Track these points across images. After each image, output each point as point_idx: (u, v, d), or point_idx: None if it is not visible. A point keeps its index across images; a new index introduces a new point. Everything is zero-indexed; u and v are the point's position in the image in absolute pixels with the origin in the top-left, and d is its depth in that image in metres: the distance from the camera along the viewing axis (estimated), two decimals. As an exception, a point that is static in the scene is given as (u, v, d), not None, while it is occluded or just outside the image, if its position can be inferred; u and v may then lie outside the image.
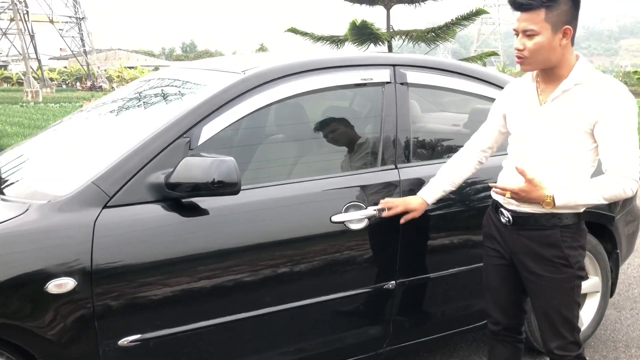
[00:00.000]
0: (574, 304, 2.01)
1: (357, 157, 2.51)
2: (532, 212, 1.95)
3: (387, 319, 2.43)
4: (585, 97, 1.86)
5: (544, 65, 1.89)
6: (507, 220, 2.02)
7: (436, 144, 2.76)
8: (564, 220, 1.94)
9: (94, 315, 1.81)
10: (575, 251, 1.96)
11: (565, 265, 1.95)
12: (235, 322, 2.05)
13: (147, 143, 1.99)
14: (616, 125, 1.81)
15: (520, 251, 2.01)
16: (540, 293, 2.01)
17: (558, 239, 1.94)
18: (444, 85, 2.63)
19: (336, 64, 2.41)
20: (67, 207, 1.83)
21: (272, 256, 2.10)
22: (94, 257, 1.80)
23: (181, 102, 2.25)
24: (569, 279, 1.97)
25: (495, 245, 2.12)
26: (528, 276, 2.02)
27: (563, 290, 1.98)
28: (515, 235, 2.02)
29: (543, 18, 1.80)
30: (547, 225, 1.95)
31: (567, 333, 2.01)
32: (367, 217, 2.25)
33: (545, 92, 1.96)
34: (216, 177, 1.87)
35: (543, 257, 1.96)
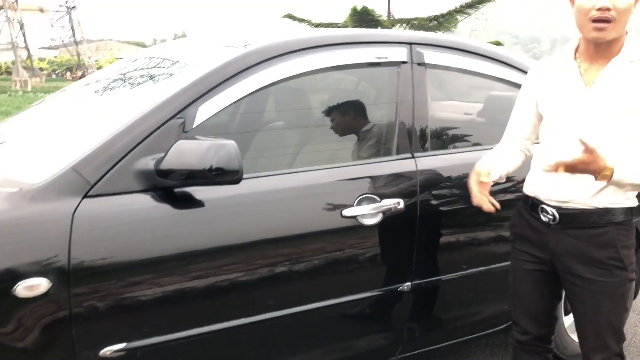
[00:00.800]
0: (624, 311, 1.80)
1: (366, 145, 2.27)
2: (582, 208, 1.73)
3: (401, 324, 2.20)
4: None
5: (621, 32, 1.64)
6: (551, 218, 1.78)
7: (452, 133, 2.52)
8: (618, 216, 1.72)
9: (72, 322, 1.56)
10: (629, 251, 1.74)
11: (619, 268, 1.73)
12: (233, 329, 1.81)
13: (135, 124, 1.74)
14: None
15: (566, 253, 1.78)
16: (587, 299, 1.78)
17: (613, 238, 1.72)
18: (464, 67, 2.40)
19: (347, 40, 2.16)
20: (42, 196, 1.58)
21: (275, 255, 1.86)
22: (72, 253, 1.55)
23: (174, 81, 2.00)
24: (622, 282, 1.74)
25: (528, 248, 1.88)
26: (573, 280, 1.79)
27: (614, 296, 1.75)
28: (560, 235, 1.78)
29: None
30: (601, 222, 1.72)
31: (614, 344, 1.79)
32: (381, 211, 2.01)
33: (590, 71, 1.72)
34: (214, 164, 1.62)
35: (594, 259, 1.73)
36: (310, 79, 2.18)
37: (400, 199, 2.06)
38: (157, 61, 2.36)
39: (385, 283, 2.11)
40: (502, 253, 2.30)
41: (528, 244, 1.87)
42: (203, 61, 2.01)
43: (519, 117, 1.95)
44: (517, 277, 1.94)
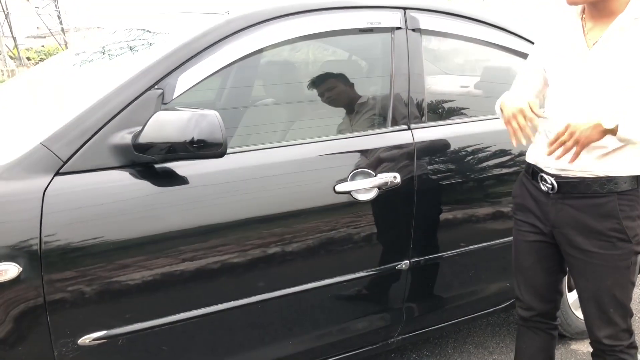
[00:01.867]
0: (630, 285, 1.68)
1: (361, 118, 2.15)
2: (583, 177, 1.62)
3: (399, 305, 2.10)
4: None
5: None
6: (549, 188, 1.68)
7: (449, 106, 2.40)
8: (622, 185, 1.61)
9: (46, 309, 1.45)
10: (633, 222, 1.62)
11: (622, 240, 1.62)
12: (222, 313, 1.71)
13: (110, 96, 1.62)
14: None
15: (566, 224, 1.67)
16: (589, 273, 1.68)
17: (615, 208, 1.61)
18: (461, 33, 2.27)
19: (337, 5, 2.02)
20: (9, 175, 1.46)
21: (265, 234, 1.75)
22: (43, 236, 1.43)
23: (153, 51, 1.87)
24: (626, 255, 1.63)
25: (530, 218, 1.78)
26: (574, 253, 1.69)
27: (618, 269, 1.64)
28: (559, 205, 1.68)
29: None
30: (602, 191, 1.61)
31: (620, 319, 1.69)
32: (377, 186, 1.90)
33: (594, 31, 1.61)
34: (196, 136, 1.50)
35: (595, 231, 1.63)
36: (299, 47, 2.06)
37: (397, 173, 1.95)
38: (138, 33, 2.22)
39: (382, 262, 2.00)
40: (503, 228, 2.21)
41: (529, 214, 1.77)
42: (184, 30, 1.88)
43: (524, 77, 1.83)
44: (519, 250, 1.84)
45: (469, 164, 2.16)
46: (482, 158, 2.19)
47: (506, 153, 2.22)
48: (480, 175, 2.18)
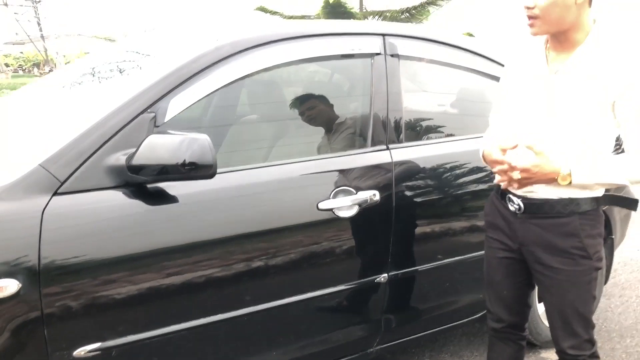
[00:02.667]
0: (591, 299, 1.80)
1: (340, 137, 2.26)
2: (547, 198, 1.73)
3: (378, 316, 2.21)
4: (606, 66, 1.61)
5: (557, 27, 1.64)
6: (517, 208, 1.79)
7: (426, 124, 2.53)
8: (583, 206, 1.71)
9: (43, 322, 1.53)
10: (594, 240, 1.74)
11: (584, 257, 1.73)
12: (210, 325, 1.79)
13: (105, 119, 1.70)
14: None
15: (532, 242, 1.78)
16: (553, 288, 1.79)
17: (577, 227, 1.71)
18: (437, 58, 2.40)
19: (320, 32, 2.15)
20: (9, 195, 1.53)
21: (251, 249, 1.84)
22: (42, 253, 1.51)
23: (145, 75, 1.96)
24: (587, 271, 1.75)
25: (499, 236, 1.88)
26: (540, 269, 1.80)
27: (580, 284, 1.76)
28: (526, 225, 1.78)
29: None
30: (564, 212, 1.72)
31: (582, 330, 1.80)
32: (357, 204, 2.01)
33: (556, 60, 1.71)
34: (187, 158, 1.59)
35: (559, 248, 1.74)
36: (284, 71, 2.17)
37: (376, 191, 2.06)
38: (127, 55, 2.31)
39: (362, 275, 2.11)
40: (477, 242, 2.32)
41: (499, 232, 1.87)
42: (174, 54, 1.98)
43: (497, 106, 1.94)
44: (490, 265, 1.95)
45: (444, 181, 2.29)
46: (456, 176, 2.32)
47: (479, 171, 2.35)
48: (454, 193, 2.30)
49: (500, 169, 1.68)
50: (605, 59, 1.63)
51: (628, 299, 3.53)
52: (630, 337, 3.02)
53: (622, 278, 3.89)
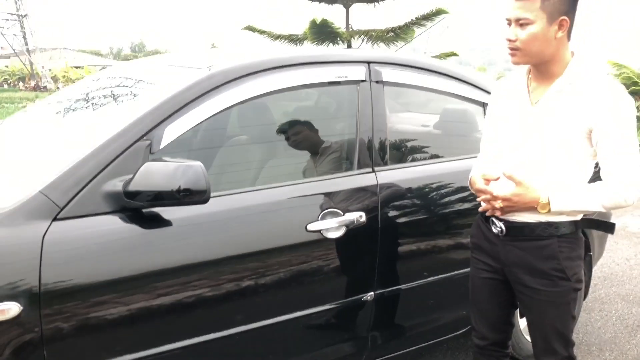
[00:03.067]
0: (570, 318, 1.89)
1: (327, 159, 2.35)
2: (527, 222, 1.82)
3: (365, 333, 2.28)
4: (582, 98, 1.72)
5: (537, 59, 1.75)
6: (499, 231, 1.88)
7: (411, 146, 2.63)
8: (561, 229, 1.80)
9: (43, 343, 1.59)
10: (573, 262, 1.82)
11: (562, 278, 1.81)
12: (203, 344, 1.86)
13: (102, 146, 1.78)
14: (617, 130, 1.69)
15: (514, 264, 1.87)
16: (534, 307, 1.88)
17: (555, 250, 1.80)
18: (420, 84, 2.51)
19: (309, 61, 2.24)
20: (11, 221, 1.60)
21: (242, 270, 1.92)
22: (42, 276, 1.57)
23: (140, 102, 2.04)
24: (566, 292, 1.83)
25: (484, 257, 1.97)
26: (522, 290, 1.88)
27: (559, 305, 1.84)
28: (508, 247, 1.87)
29: (538, 6, 1.67)
30: (544, 235, 1.81)
31: (562, 348, 1.88)
32: (344, 225, 2.09)
33: (537, 90, 1.82)
34: (182, 185, 1.67)
35: (538, 270, 1.82)
36: (274, 98, 2.25)
37: (363, 212, 2.14)
38: (122, 81, 2.39)
39: (350, 293, 2.19)
40: (460, 260, 2.42)
41: (483, 253, 1.96)
42: (169, 82, 2.06)
43: (486, 133, 2.03)
44: (475, 285, 2.03)
45: (428, 202, 2.38)
46: (440, 196, 2.41)
47: (461, 191, 2.44)
48: (438, 213, 2.39)
49: (483, 198, 1.81)
50: (581, 91, 1.73)
51: (607, 313, 3.63)
52: (609, 351, 3.12)
53: (602, 292, 3.99)
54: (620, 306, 3.75)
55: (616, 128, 1.69)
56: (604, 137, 1.71)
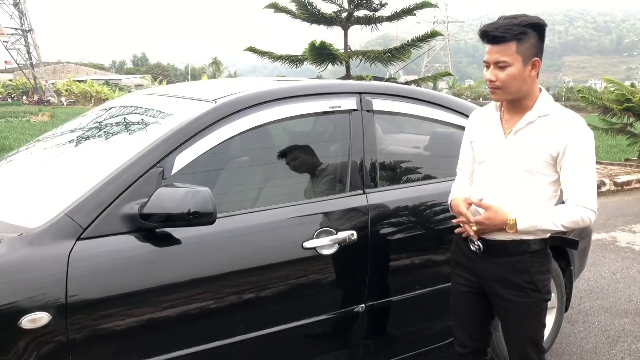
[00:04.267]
0: (541, 326, 2.09)
1: (321, 182, 2.55)
2: (503, 240, 2.02)
3: (357, 341, 2.48)
4: (549, 129, 1.94)
5: (515, 95, 1.96)
6: (477, 248, 2.07)
7: (400, 168, 2.84)
8: (532, 246, 2.01)
9: (69, 349, 1.79)
10: (543, 275, 2.03)
11: (534, 290, 2.02)
12: (208, 351, 2.06)
13: (120, 173, 1.99)
14: (579, 158, 1.91)
15: (491, 278, 2.07)
16: (509, 317, 2.08)
17: (527, 265, 2.01)
18: (407, 112, 2.73)
19: (305, 93, 2.47)
20: (40, 240, 1.81)
21: (245, 283, 2.12)
22: (68, 290, 1.78)
23: (152, 131, 2.26)
24: (537, 303, 2.04)
25: (463, 272, 2.17)
26: (498, 301, 2.08)
27: (531, 314, 2.05)
28: (486, 263, 2.07)
29: (514, 50, 1.89)
30: (517, 251, 2.01)
31: (534, 354, 2.08)
32: (337, 242, 2.30)
33: (509, 122, 2.03)
34: (192, 208, 1.88)
35: (513, 283, 2.02)
36: (273, 128, 2.46)
37: (354, 231, 2.36)
38: (134, 110, 2.62)
39: (342, 305, 2.39)
40: (445, 275, 2.62)
41: (462, 269, 2.16)
42: (178, 114, 2.28)
43: (463, 158, 2.24)
44: (455, 298, 2.23)
45: (414, 221, 2.59)
46: (425, 215, 2.63)
47: (445, 211, 2.65)
48: (423, 231, 2.61)
49: (461, 220, 2.06)
50: (548, 123, 1.96)
51: (590, 324, 3.83)
52: (589, 360, 3.31)
53: (587, 305, 4.19)
54: (603, 318, 3.94)
55: (577, 156, 1.92)
56: (567, 164, 1.93)
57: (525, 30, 1.89)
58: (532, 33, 1.90)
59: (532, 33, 1.90)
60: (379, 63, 8.21)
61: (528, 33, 1.89)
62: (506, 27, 1.89)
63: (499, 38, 1.89)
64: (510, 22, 1.90)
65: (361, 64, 8.26)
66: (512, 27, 1.88)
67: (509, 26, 1.89)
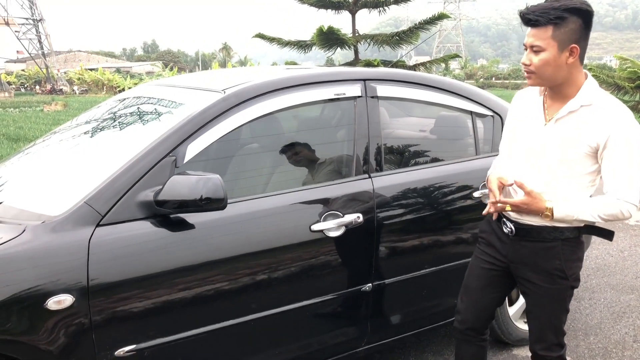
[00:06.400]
0: (564, 311, 2.10)
1: (328, 168, 2.63)
2: (535, 225, 2.00)
3: (365, 320, 2.59)
4: (592, 119, 1.89)
5: (550, 82, 1.93)
6: (509, 231, 2.07)
7: (406, 152, 2.92)
8: (566, 233, 1.98)
9: (92, 328, 1.91)
10: (573, 264, 2.02)
11: (562, 277, 2.01)
12: (222, 330, 2.17)
13: (135, 162, 2.09)
14: (622, 151, 1.86)
15: (520, 261, 2.07)
16: (534, 301, 2.09)
17: (558, 252, 1.99)
18: (411, 97, 2.80)
19: (311, 81, 2.55)
20: (62, 227, 1.93)
21: (256, 265, 2.23)
22: (89, 273, 1.90)
23: (165, 121, 2.35)
24: (564, 290, 2.04)
25: (491, 251, 2.16)
26: (524, 284, 2.09)
27: (556, 300, 2.06)
28: (517, 246, 2.07)
29: (550, 35, 1.84)
30: (549, 237, 2.00)
31: (553, 337, 2.10)
32: (344, 225, 2.40)
33: (551, 109, 1.99)
34: (204, 194, 1.98)
35: (542, 269, 2.02)
36: (280, 115, 2.55)
37: (360, 214, 2.45)
38: (146, 100, 2.72)
39: (350, 285, 2.49)
40: (450, 255, 2.73)
41: (492, 248, 2.16)
42: (189, 104, 2.38)
43: (505, 137, 2.21)
44: (473, 273, 2.23)
45: (419, 202, 2.67)
46: (429, 198, 2.71)
47: (450, 194, 2.74)
48: (427, 213, 2.69)
49: (491, 200, 2.02)
50: (592, 112, 1.90)
51: (596, 301, 3.90)
52: (593, 335, 3.39)
53: (594, 282, 4.26)
54: (609, 294, 4.01)
55: (621, 148, 1.87)
56: (609, 155, 1.88)
57: (564, 15, 1.83)
58: (573, 18, 1.84)
59: (573, 18, 1.84)
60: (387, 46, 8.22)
61: (567, 18, 1.83)
62: (543, 10, 1.84)
63: (534, 21, 1.85)
64: (550, 5, 1.85)
65: (370, 47, 8.29)
66: (549, 10, 1.83)
67: (547, 9, 1.84)
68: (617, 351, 3.21)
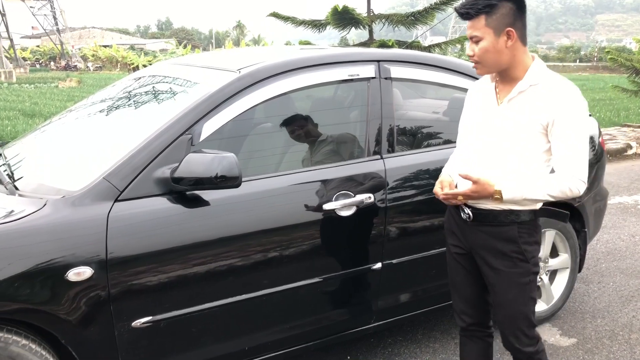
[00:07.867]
0: (530, 300, 2.09)
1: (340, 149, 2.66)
2: (491, 209, 2.03)
3: (374, 298, 2.64)
4: (541, 98, 1.93)
5: (496, 67, 1.98)
6: (467, 216, 2.09)
7: (418, 133, 2.94)
8: (521, 216, 2.02)
9: (110, 300, 1.98)
10: (530, 246, 2.05)
11: (522, 260, 2.04)
12: (235, 304, 2.24)
13: (152, 140, 2.14)
14: (569, 127, 1.90)
15: (480, 246, 2.10)
16: (497, 287, 2.09)
17: (515, 235, 2.03)
18: (425, 78, 2.82)
19: (325, 62, 2.57)
20: (81, 202, 1.99)
21: (268, 242, 2.28)
22: (108, 247, 1.96)
23: (181, 100, 2.40)
24: (525, 273, 2.05)
25: (455, 240, 2.20)
26: (487, 270, 2.11)
27: (519, 285, 2.06)
28: (475, 231, 2.10)
29: (484, 24, 1.90)
30: (505, 221, 2.03)
31: (525, 328, 2.09)
32: (355, 205, 2.44)
33: (502, 92, 2.03)
34: (219, 172, 2.03)
35: (501, 252, 2.05)
36: (294, 95, 2.58)
37: (371, 194, 2.49)
38: (162, 79, 2.76)
39: (360, 263, 2.54)
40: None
41: (455, 237, 2.21)
42: (204, 83, 2.41)
43: (462, 129, 2.27)
44: (451, 267, 2.27)
45: (429, 185, 2.69)
46: (441, 180, 2.73)
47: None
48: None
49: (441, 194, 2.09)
50: (540, 92, 1.94)
51: (605, 285, 3.93)
52: (601, 318, 3.43)
53: (604, 266, 4.28)
54: (618, 278, 4.03)
55: (567, 126, 1.90)
56: (556, 133, 1.92)
57: (492, 2, 1.89)
58: (502, 3, 1.90)
59: (502, 3, 1.90)
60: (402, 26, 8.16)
61: (496, 5, 1.89)
62: (473, 2, 1.91)
63: (466, 15, 1.92)
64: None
65: (385, 27, 8.23)
66: (477, 1, 1.90)
67: (475, 1, 1.90)
68: (623, 334, 3.24)
